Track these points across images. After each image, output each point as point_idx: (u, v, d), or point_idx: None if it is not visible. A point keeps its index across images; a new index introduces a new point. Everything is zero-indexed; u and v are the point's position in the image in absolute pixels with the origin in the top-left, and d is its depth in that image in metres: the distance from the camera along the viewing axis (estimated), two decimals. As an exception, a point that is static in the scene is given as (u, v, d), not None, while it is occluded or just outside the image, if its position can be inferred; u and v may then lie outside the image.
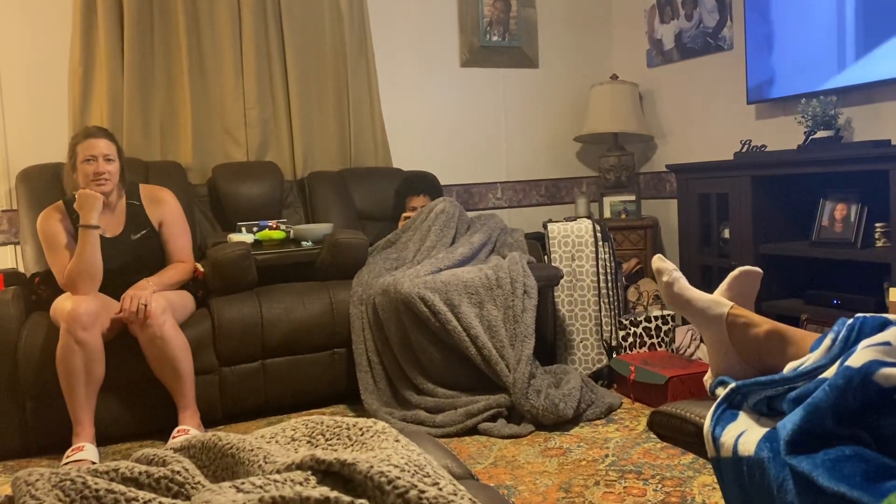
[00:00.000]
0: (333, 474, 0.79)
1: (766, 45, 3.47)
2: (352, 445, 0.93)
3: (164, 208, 2.93)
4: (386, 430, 0.95)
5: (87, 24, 3.41)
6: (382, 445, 0.89)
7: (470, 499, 0.77)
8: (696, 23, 4.02)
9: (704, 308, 1.35)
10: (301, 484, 0.75)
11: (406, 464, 0.83)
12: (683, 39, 4.11)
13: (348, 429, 0.96)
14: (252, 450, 0.87)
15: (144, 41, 3.49)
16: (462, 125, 4.28)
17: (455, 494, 0.76)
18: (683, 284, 1.37)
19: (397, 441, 0.91)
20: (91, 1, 3.40)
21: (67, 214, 2.78)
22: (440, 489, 0.77)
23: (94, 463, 2.29)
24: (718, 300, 1.35)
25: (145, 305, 2.57)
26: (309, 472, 0.78)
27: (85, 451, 2.49)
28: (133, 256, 2.83)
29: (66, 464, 2.43)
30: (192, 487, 0.84)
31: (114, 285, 2.70)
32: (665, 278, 1.36)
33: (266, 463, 0.84)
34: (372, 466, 0.76)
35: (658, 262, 1.39)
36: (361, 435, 0.94)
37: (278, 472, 0.80)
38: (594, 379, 3.18)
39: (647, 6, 4.36)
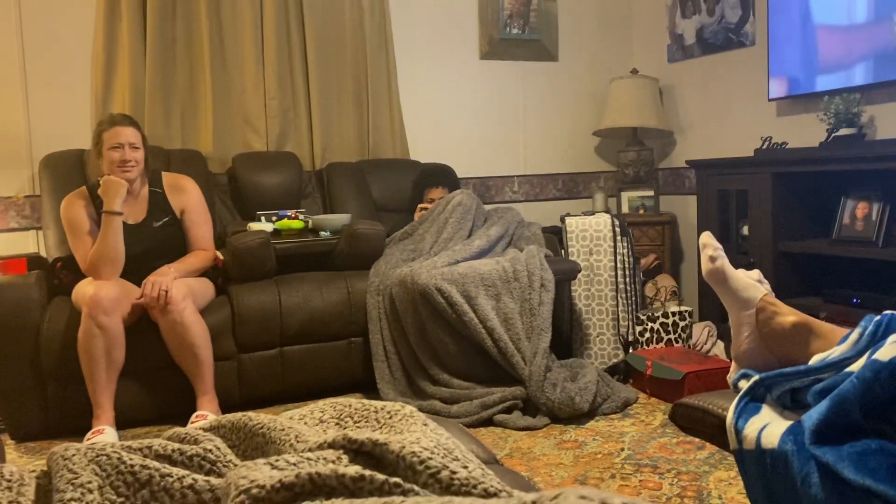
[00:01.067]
0: (365, 454, 0.80)
1: (789, 41, 3.45)
2: (380, 428, 0.94)
3: (186, 196, 2.96)
4: (414, 415, 0.96)
5: (110, 11, 3.43)
6: (411, 429, 0.90)
7: (498, 481, 0.78)
8: (717, 18, 3.99)
9: (740, 288, 1.36)
10: (334, 462, 0.76)
11: (435, 447, 0.83)
12: (705, 35, 4.09)
13: (376, 412, 0.97)
14: (283, 429, 0.89)
15: (166, 30, 3.51)
16: (480, 118, 4.28)
17: (484, 476, 0.77)
18: (726, 262, 1.39)
19: (426, 425, 0.92)
20: (115, -11, 3.43)
21: (91, 200, 2.81)
22: (469, 472, 0.78)
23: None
24: (755, 285, 1.36)
25: (166, 292, 2.59)
26: (341, 451, 0.79)
27: (105, 434, 2.52)
28: (155, 243, 2.85)
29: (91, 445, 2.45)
30: (224, 465, 0.85)
31: (136, 271, 2.73)
32: (710, 252, 1.39)
33: (297, 442, 0.85)
34: (404, 447, 0.77)
35: (706, 237, 1.42)
36: (390, 418, 0.95)
37: (310, 450, 0.81)
38: (610, 373, 3.18)
39: (668, 1, 4.33)
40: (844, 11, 3.18)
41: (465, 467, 0.80)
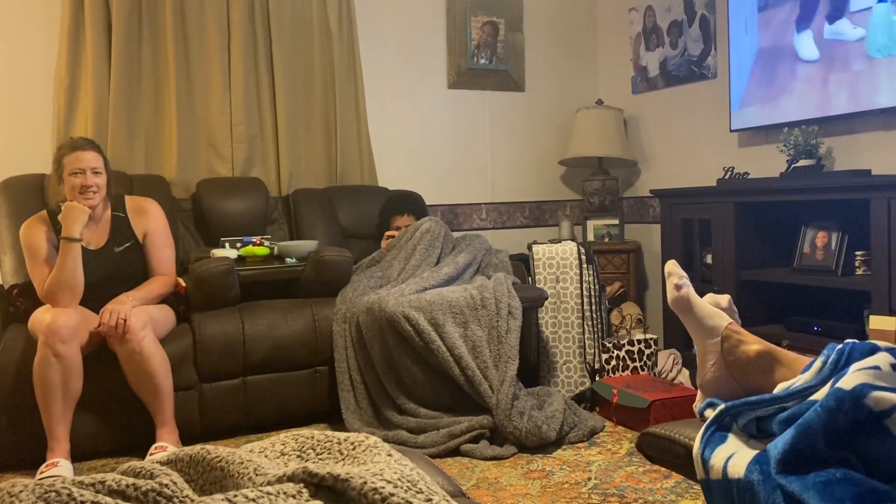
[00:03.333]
0: (326, 488, 0.77)
1: (749, 74, 3.53)
2: (343, 459, 0.91)
3: (149, 219, 2.91)
4: (378, 445, 0.94)
5: (74, 33, 3.39)
6: (375, 460, 0.88)
7: None
8: (680, 51, 4.08)
9: (705, 316, 1.36)
10: (294, 497, 0.73)
11: (399, 479, 0.81)
12: (668, 67, 4.17)
13: (339, 443, 0.95)
14: (242, 462, 0.86)
15: (132, 53, 3.48)
16: (448, 146, 4.30)
17: None
18: (691, 290, 1.39)
19: (390, 455, 0.90)
20: (79, 11, 3.39)
21: (52, 225, 2.74)
22: None
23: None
24: (720, 313, 1.37)
25: (125, 320, 2.53)
26: (301, 485, 0.77)
27: (59, 467, 2.44)
28: (116, 269, 2.80)
29: (41, 479, 2.37)
30: (181, 501, 0.82)
31: (96, 297, 2.66)
32: (675, 280, 1.39)
33: (256, 475, 0.82)
34: (366, 482, 0.75)
35: (671, 265, 1.43)
36: (353, 449, 0.93)
37: (269, 484, 0.79)
38: (577, 401, 3.17)
39: (632, 33, 4.42)
40: (803, 47, 3.27)
41: (430, 500, 0.78)
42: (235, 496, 0.73)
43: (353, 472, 0.78)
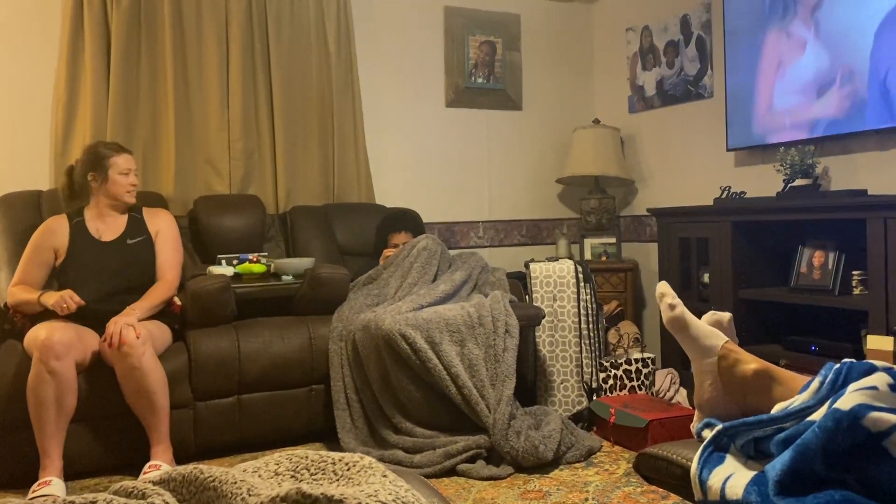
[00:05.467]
0: (320, 510, 0.76)
1: (746, 93, 3.55)
2: (337, 480, 0.90)
3: (163, 221, 3.04)
4: (373, 466, 0.93)
5: (73, 51, 3.40)
6: (370, 481, 0.87)
7: None
8: (677, 70, 4.11)
9: (700, 336, 1.36)
10: (288, 519, 0.73)
11: (394, 500, 0.81)
12: (665, 86, 4.19)
13: (334, 463, 0.94)
14: (235, 482, 0.85)
15: (130, 70, 3.49)
16: (446, 164, 4.31)
17: None
18: (684, 310, 1.39)
19: (385, 476, 0.89)
20: (78, 29, 3.41)
21: (68, 225, 2.87)
22: None
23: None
24: (716, 332, 1.36)
25: (132, 328, 2.57)
26: None
27: (52, 485, 2.41)
28: (127, 260, 2.87)
29: (32, 499, 2.35)
30: (173, 521, 0.81)
31: (107, 289, 2.74)
32: (668, 301, 1.39)
33: (249, 496, 0.81)
34: (360, 503, 0.74)
35: (663, 287, 1.42)
36: (347, 470, 0.92)
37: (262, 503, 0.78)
38: (574, 421, 3.15)
39: (629, 53, 4.45)
40: (799, 67, 3.29)
41: None
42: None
43: (347, 493, 0.77)
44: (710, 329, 1.37)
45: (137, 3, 3.49)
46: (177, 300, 2.99)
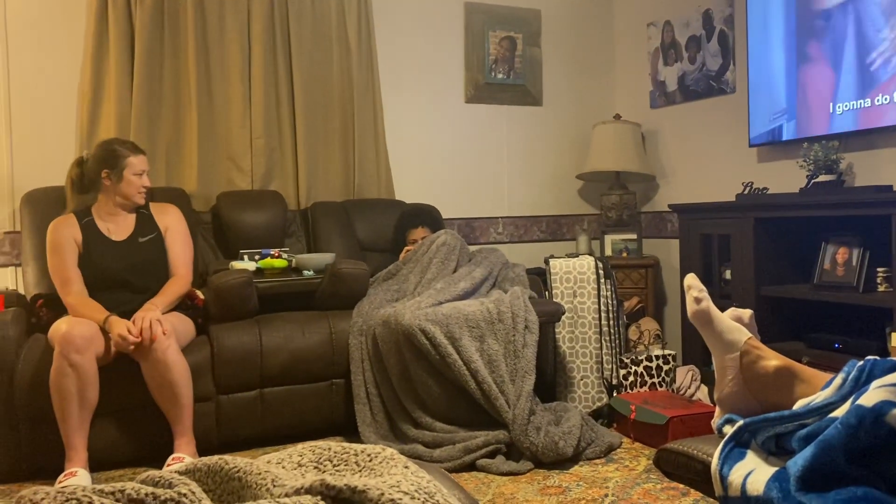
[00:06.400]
0: (344, 500, 0.77)
1: (768, 89, 3.52)
2: (360, 471, 0.91)
3: (171, 217, 3.04)
4: (395, 457, 0.94)
5: (98, 49, 3.45)
6: (392, 471, 0.88)
7: None
8: (699, 66, 4.08)
9: (725, 331, 1.36)
10: (312, 510, 0.74)
11: (416, 491, 0.82)
12: (686, 82, 4.16)
13: (356, 454, 0.95)
14: (259, 473, 0.86)
15: (154, 68, 3.53)
16: (465, 160, 4.32)
17: None
18: (711, 304, 1.39)
19: (406, 468, 0.90)
20: (103, 27, 3.45)
21: (77, 224, 2.86)
22: None
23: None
24: (740, 328, 1.36)
25: (160, 323, 2.59)
26: (318, 498, 0.77)
27: (77, 476, 2.46)
28: (140, 258, 2.89)
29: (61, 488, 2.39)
30: (199, 510, 0.82)
31: (121, 288, 2.77)
32: (695, 293, 1.39)
33: (274, 486, 0.83)
34: (383, 494, 0.75)
35: (690, 278, 1.42)
36: (370, 461, 0.93)
37: (287, 496, 0.79)
38: (594, 417, 3.15)
39: (650, 48, 4.42)
40: (823, 60, 3.26)
41: None
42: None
43: (370, 483, 0.78)
44: (734, 324, 1.37)
45: (161, 2, 3.53)
46: (200, 294, 3.02)
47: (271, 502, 0.75)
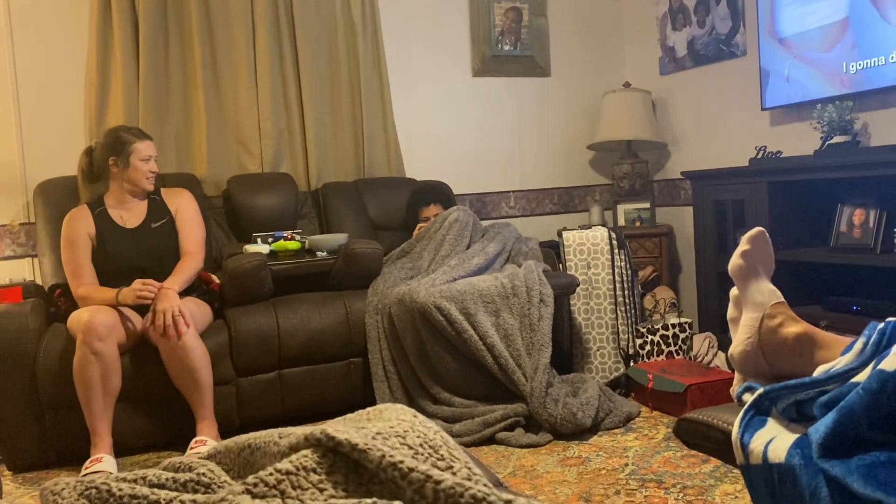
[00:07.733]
0: (345, 456, 0.78)
1: (780, 50, 3.46)
2: (368, 421, 0.93)
3: (182, 199, 3.06)
4: (404, 409, 0.96)
5: (102, 36, 3.43)
6: (400, 417, 0.90)
7: (486, 482, 0.76)
8: (708, 30, 4.01)
9: (755, 292, 1.35)
10: (315, 471, 0.74)
11: (421, 444, 0.82)
12: (696, 46, 4.10)
13: (368, 412, 0.97)
14: (267, 433, 0.89)
15: (159, 54, 3.52)
16: (475, 134, 4.29)
17: (470, 479, 0.75)
18: (754, 262, 1.37)
19: (415, 417, 0.91)
20: (107, 15, 3.43)
21: (91, 216, 2.88)
22: (454, 473, 0.76)
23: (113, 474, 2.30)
24: (773, 291, 1.35)
25: (181, 317, 2.60)
26: (319, 455, 0.77)
27: (103, 462, 2.49)
28: (154, 244, 2.91)
29: (85, 475, 2.43)
30: (219, 486, 0.83)
31: (137, 274, 2.77)
32: (743, 247, 1.38)
33: (280, 438, 0.84)
34: (384, 455, 0.74)
35: (754, 231, 1.40)
36: (381, 413, 0.95)
37: (290, 444, 0.80)
38: (612, 387, 3.15)
39: (658, 14, 4.35)
40: (834, 19, 3.19)
41: (450, 468, 0.78)
42: (256, 484, 0.74)
43: (372, 444, 0.77)
44: (770, 288, 1.36)
45: (163, -14, 3.51)
46: (215, 279, 3.04)
47: (274, 475, 0.76)
